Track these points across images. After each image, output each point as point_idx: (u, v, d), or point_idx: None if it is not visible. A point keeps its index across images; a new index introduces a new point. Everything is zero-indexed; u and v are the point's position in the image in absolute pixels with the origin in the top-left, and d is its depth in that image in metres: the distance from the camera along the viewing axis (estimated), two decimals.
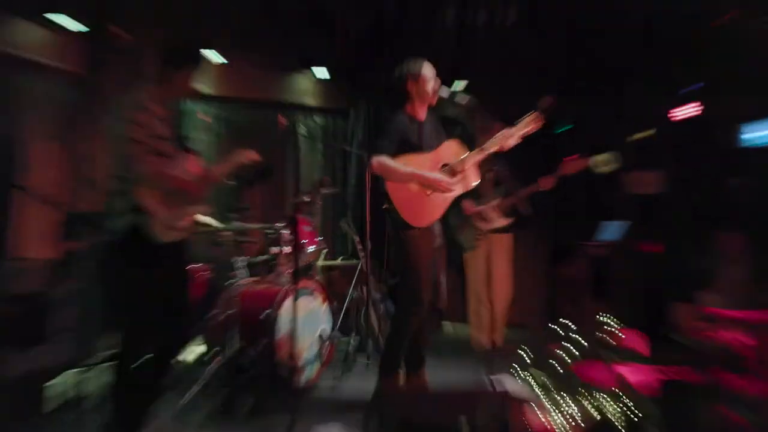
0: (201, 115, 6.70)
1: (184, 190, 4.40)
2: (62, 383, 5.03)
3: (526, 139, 5.46)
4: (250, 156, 4.66)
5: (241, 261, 6.08)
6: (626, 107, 8.40)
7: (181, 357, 5.54)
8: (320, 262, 7.21)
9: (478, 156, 5.28)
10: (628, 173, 8.30)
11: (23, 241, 5.93)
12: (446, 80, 7.70)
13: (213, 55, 7.10)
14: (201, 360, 5.94)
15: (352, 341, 6.73)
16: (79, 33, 6.30)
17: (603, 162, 8.58)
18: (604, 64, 8.35)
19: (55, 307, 5.32)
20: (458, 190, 5.29)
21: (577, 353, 5.39)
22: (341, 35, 8.47)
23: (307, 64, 8.22)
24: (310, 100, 8.46)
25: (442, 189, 5.16)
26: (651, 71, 8.05)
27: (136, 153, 4.16)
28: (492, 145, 5.28)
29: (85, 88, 6.30)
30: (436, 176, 5.16)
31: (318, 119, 8.61)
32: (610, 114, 8.53)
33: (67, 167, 6.25)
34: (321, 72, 8.24)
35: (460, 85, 8.40)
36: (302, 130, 8.33)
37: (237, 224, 6.20)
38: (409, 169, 5.11)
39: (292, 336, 5.46)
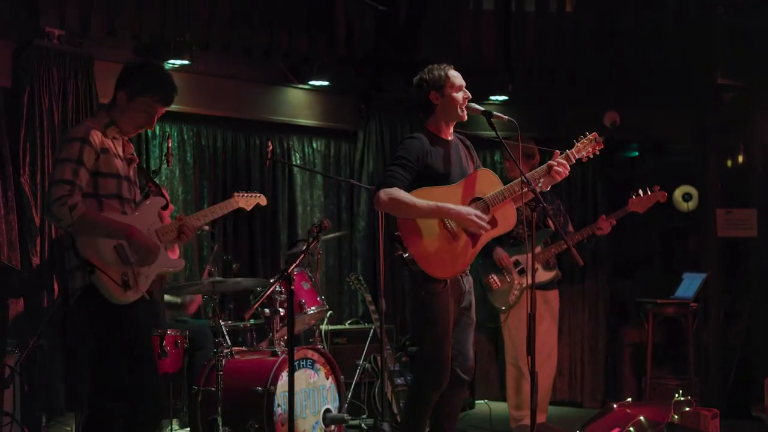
0: (170, 142, 6.78)
1: (137, 247, 4.50)
2: None
3: (582, 168, 5.34)
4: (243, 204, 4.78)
5: (225, 326, 6.12)
6: (711, 129, 8.49)
7: None
8: (324, 327, 7.27)
9: (518, 189, 5.14)
10: (713, 211, 8.40)
11: None
12: (481, 92, 7.92)
13: (184, 63, 7.19)
14: None
15: (363, 424, 6.76)
16: (6, 37, 6.47)
17: (681, 197, 8.70)
18: (684, 73, 8.45)
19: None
20: (492, 232, 5.20)
21: None
22: (344, 35, 8.60)
23: (301, 73, 8.18)
24: (307, 119, 8.39)
25: (472, 227, 5.03)
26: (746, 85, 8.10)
27: (72, 197, 4.27)
28: (538, 176, 5.17)
29: (19, 108, 6.45)
30: (466, 210, 5.04)
31: (317, 143, 8.52)
32: (691, 136, 8.61)
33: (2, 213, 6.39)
34: (320, 83, 8.20)
35: (498, 99, 8.53)
36: (297, 157, 8.30)
37: (218, 281, 6.26)
38: (429, 203, 4.99)
39: (289, 419, 5.53)
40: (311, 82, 8.10)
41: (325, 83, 8.13)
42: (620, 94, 8.60)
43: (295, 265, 4.65)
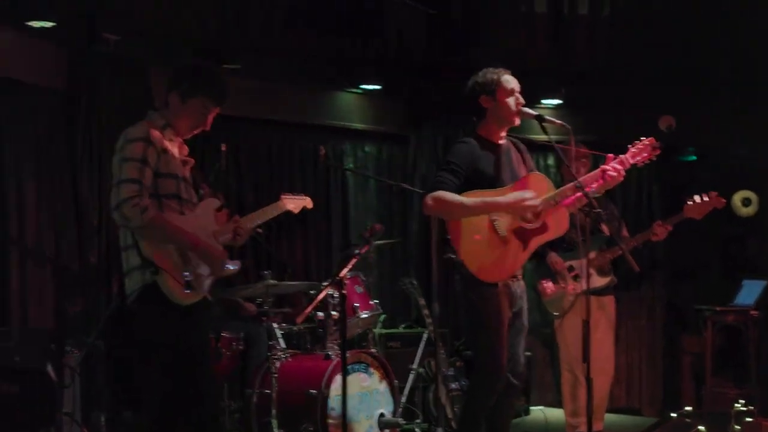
0: (224, 146, 6.87)
1: (211, 252, 4.56)
2: None
3: (637, 172, 5.32)
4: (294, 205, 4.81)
5: (279, 329, 6.19)
6: None
7: None
8: (377, 330, 7.31)
9: (572, 194, 5.11)
10: None
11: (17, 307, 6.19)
12: (533, 96, 7.91)
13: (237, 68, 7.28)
14: None
15: (417, 429, 6.80)
16: (64, 42, 6.60)
17: (741, 202, 8.61)
18: (742, 76, 8.36)
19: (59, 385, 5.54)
20: (544, 237, 5.17)
21: None
22: (396, 38, 8.62)
23: (353, 77, 8.28)
24: (359, 123, 8.48)
25: (523, 210, 5.00)
26: None
27: (142, 198, 4.32)
28: (591, 180, 5.13)
29: (78, 113, 6.58)
30: (512, 196, 5.02)
31: (369, 147, 8.59)
32: (750, 141, 8.51)
33: (57, 214, 6.53)
34: (372, 87, 8.27)
35: (550, 102, 8.51)
36: (349, 162, 8.36)
37: (272, 284, 6.33)
38: (475, 200, 5.00)
39: (342, 422, 5.57)
40: (363, 86, 8.15)
41: (378, 87, 8.19)
42: (676, 98, 8.55)
43: (346, 270, 4.68)
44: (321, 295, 5.14)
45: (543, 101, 8.50)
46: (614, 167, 5.09)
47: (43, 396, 3.13)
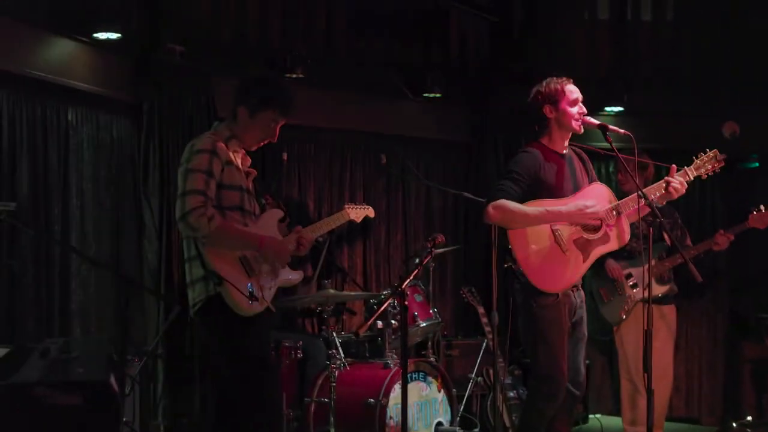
0: (285, 156, 6.94)
1: (268, 255, 4.62)
2: None
3: (699, 180, 5.29)
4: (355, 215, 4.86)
5: (338, 337, 6.25)
6: None
7: None
8: (436, 339, 7.34)
9: (634, 205, 5.11)
10: None
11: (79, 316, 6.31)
12: (596, 103, 7.88)
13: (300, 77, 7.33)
14: None
15: None
16: (129, 52, 6.71)
17: None
18: None
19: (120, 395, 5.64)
20: (605, 248, 5.21)
21: None
22: (458, 46, 8.63)
23: (416, 85, 8.23)
24: (421, 131, 8.49)
25: (585, 219, 5.05)
26: None
27: (207, 208, 4.39)
28: (654, 191, 5.15)
29: (142, 122, 6.68)
30: (575, 206, 5.06)
31: (430, 156, 8.60)
32: None
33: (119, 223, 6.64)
34: (433, 95, 8.22)
35: (613, 110, 8.46)
36: (410, 171, 8.33)
37: (332, 293, 6.39)
38: (538, 209, 5.04)
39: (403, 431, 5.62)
40: (425, 94, 8.16)
41: (438, 95, 8.17)
42: (740, 104, 8.45)
43: (408, 280, 4.71)
44: (383, 307, 5.18)
45: (605, 108, 8.43)
46: (678, 179, 5.10)
47: (105, 407, 3.19)
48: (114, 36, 6.28)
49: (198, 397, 6.72)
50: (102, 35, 6.27)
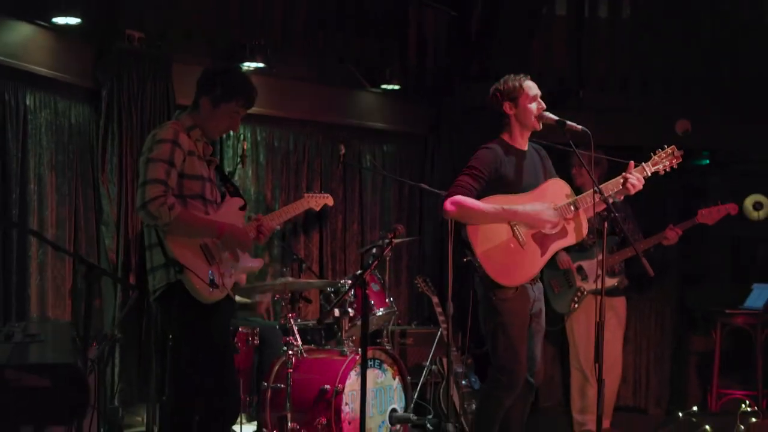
0: (245, 144, 6.98)
1: (229, 243, 4.70)
2: None
3: (652, 175, 5.41)
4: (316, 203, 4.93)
5: (293, 324, 6.32)
6: None
7: None
8: (391, 327, 7.45)
9: (590, 200, 5.25)
10: None
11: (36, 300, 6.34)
12: (552, 100, 7.97)
13: (259, 66, 7.38)
14: None
15: (429, 424, 6.90)
16: (89, 38, 6.71)
17: (752, 206, 8.66)
18: (757, 82, 8.48)
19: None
20: (563, 242, 5.35)
21: None
22: (417, 41, 8.73)
23: (374, 77, 8.35)
24: (378, 122, 8.56)
25: (540, 224, 5.18)
26: None
27: (167, 197, 4.45)
28: (611, 187, 5.29)
29: (101, 108, 6.69)
30: (532, 208, 5.19)
31: (387, 147, 8.67)
32: (763, 146, 8.59)
33: (77, 209, 6.65)
34: (392, 87, 8.34)
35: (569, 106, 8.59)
36: (367, 160, 8.45)
37: (290, 281, 6.47)
38: (495, 206, 5.16)
39: (358, 417, 5.70)
40: (383, 86, 8.25)
41: (397, 87, 8.28)
42: (693, 103, 8.67)
43: (369, 270, 4.82)
44: (345, 294, 5.31)
45: (561, 105, 8.52)
46: (636, 176, 5.25)
47: (75, 390, 3.24)
48: (73, 21, 6.28)
49: (154, 382, 6.78)
50: (61, 20, 6.28)
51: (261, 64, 7.30)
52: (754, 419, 5.98)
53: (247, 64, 7.27)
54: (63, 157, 6.57)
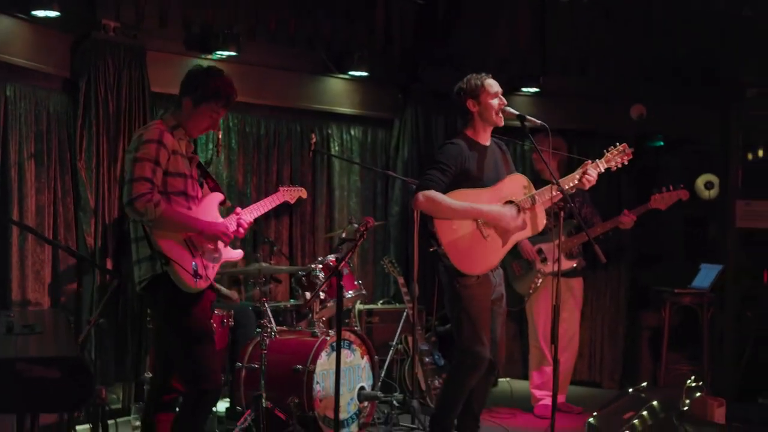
0: (220, 134, 7.20)
1: (210, 237, 4.98)
2: None
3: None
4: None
5: (267, 307, 6.56)
6: (734, 123, 8.65)
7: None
8: (357, 307, 7.76)
9: (549, 194, 5.67)
10: (733, 202, 8.52)
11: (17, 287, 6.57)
12: (514, 84, 8.22)
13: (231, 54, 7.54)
14: (229, 416, 6.60)
15: (395, 400, 7.18)
16: (67, 29, 6.87)
17: (704, 185, 8.90)
18: (710, 67, 8.76)
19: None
20: (522, 234, 5.72)
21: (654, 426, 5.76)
22: (384, 26, 8.95)
23: (342, 63, 8.46)
24: (346, 107, 8.68)
25: (504, 226, 5.56)
26: None
27: (153, 195, 4.71)
28: (569, 182, 5.65)
29: (79, 98, 6.85)
30: (498, 210, 5.57)
31: (355, 131, 8.81)
32: (715, 129, 8.85)
33: (59, 195, 6.86)
34: (359, 73, 8.47)
35: (530, 90, 8.88)
36: (335, 144, 8.61)
37: (264, 266, 6.73)
38: (464, 204, 5.51)
39: (329, 395, 6.01)
40: (351, 72, 8.42)
41: (364, 73, 8.44)
42: (647, 88, 8.97)
43: (343, 261, 5.16)
44: (323, 285, 5.71)
45: (522, 89, 8.82)
46: (591, 172, 5.64)
47: (80, 381, 3.49)
48: (53, 14, 6.45)
49: (130, 361, 7.04)
50: (40, 13, 6.45)
51: (233, 53, 7.50)
52: (698, 394, 6.25)
53: (219, 52, 7.46)
54: (42, 145, 6.72)
